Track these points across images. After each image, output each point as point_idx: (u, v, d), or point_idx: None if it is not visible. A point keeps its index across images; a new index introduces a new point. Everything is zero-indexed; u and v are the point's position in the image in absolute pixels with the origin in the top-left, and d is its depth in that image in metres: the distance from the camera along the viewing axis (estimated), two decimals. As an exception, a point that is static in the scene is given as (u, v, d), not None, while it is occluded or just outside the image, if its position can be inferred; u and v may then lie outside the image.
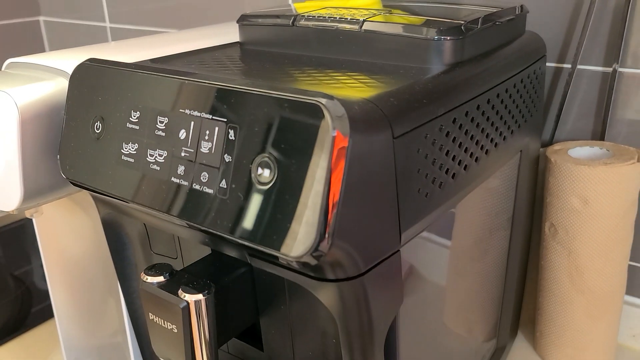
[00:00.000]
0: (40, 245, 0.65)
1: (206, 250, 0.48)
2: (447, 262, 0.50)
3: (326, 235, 0.33)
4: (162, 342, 0.43)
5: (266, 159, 0.34)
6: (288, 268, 0.37)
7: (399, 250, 0.39)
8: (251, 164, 0.35)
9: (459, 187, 0.45)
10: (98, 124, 0.44)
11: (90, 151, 0.44)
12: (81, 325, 0.68)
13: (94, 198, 0.49)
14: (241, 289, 0.45)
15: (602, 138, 0.69)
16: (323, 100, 0.33)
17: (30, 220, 0.85)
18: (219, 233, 0.37)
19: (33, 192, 0.49)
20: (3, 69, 0.55)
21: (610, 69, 0.67)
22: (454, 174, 0.43)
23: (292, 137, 0.33)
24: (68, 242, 0.63)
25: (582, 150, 0.66)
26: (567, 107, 0.70)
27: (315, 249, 0.33)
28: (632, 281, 0.71)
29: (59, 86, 0.49)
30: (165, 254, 0.52)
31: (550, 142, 0.71)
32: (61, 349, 0.70)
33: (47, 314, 0.85)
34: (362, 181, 0.34)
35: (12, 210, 0.50)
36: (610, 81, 0.67)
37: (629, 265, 0.69)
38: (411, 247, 0.41)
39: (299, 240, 0.33)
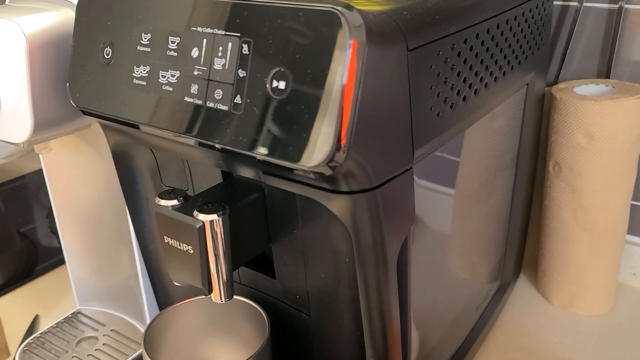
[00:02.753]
0: (48, 185, 0.65)
1: (217, 180, 0.48)
2: (453, 201, 0.50)
3: (342, 146, 0.33)
4: (178, 265, 0.44)
5: (281, 70, 0.34)
6: (303, 183, 0.38)
7: (412, 168, 0.40)
8: (266, 77, 0.35)
9: (468, 111, 0.45)
10: (108, 49, 0.44)
11: (100, 77, 0.44)
12: (92, 267, 0.69)
13: (104, 127, 0.49)
14: (253, 214, 0.46)
15: (607, 77, 0.69)
16: (341, 9, 0.32)
17: (33, 177, 0.85)
18: (234, 150, 0.37)
19: (43, 123, 0.49)
20: (7, 2, 0.54)
21: (617, 6, 0.66)
22: (464, 96, 0.44)
23: (308, 47, 0.33)
24: (77, 182, 0.64)
25: (588, 88, 0.66)
26: (573, 47, 0.70)
27: (331, 159, 0.33)
28: (633, 220, 0.72)
29: (64, 16, 0.49)
30: (176, 186, 0.52)
31: (555, 82, 0.71)
32: (72, 291, 0.71)
33: (55, 267, 0.86)
34: (377, 93, 0.34)
35: (22, 143, 0.50)
36: (616, 18, 0.66)
37: (631, 205, 0.70)
38: (422, 168, 0.42)
39: (315, 151, 0.34)
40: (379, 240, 0.38)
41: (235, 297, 0.51)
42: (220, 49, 0.37)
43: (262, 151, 0.35)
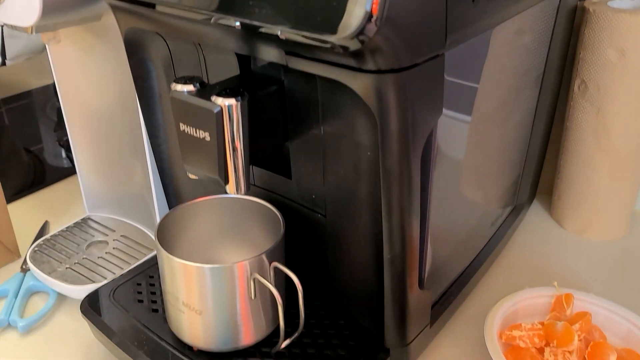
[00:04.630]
0: (58, 88, 0.63)
1: (234, 73, 0.46)
2: (474, 119, 0.48)
3: (374, 17, 0.31)
4: (194, 155, 0.43)
5: None
6: (328, 62, 0.36)
7: (443, 55, 0.37)
8: (294, -60, 0.33)
9: (503, 3, 0.42)
10: None
11: (114, -48, 0.42)
12: (103, 175, 0.68)
13: (115, 10, 0.46)
14: (272, 105, 0.44)
15: (643, -7, 0.66)
16: None
17: (38, 94, 0.83)
18: (256, 23, 0.35)
19: (52, 5, 0.46)
20: None
21: None
22: (500, -15, 0.41)
23: None
24: (87, 85, 0.62)
25: (623, 2, 0.63)
26: (609, -40, 0.66)
27: (361, 31, 0.31)
28: (655, 147, 0.70)
29: None
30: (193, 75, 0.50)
31: (588, -4, 0.68)
32: (82, 198, 0.70)
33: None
34: (413, -38, 0.32)
35: (30, 28, 0.48)
36: None
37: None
38: (454, 55, 0.40)
39: (345, 21, 0.32)
40: (404, 127, 0.37)
41: (249, 197, 0.50)
42: None
43: (286, 24, 0.33)
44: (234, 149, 0.41)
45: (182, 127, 0.42)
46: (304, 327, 0.47)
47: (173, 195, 0.59)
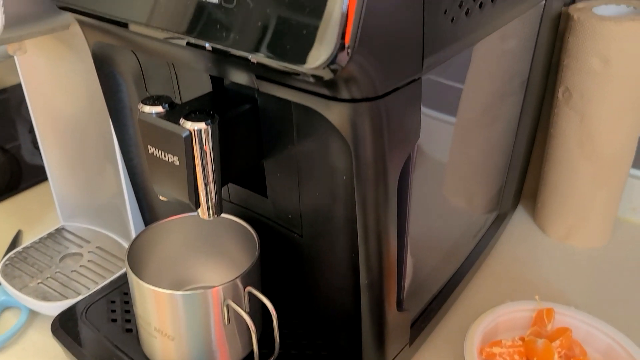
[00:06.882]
0: (27, 96, 0.61)
1: (207, 89, 0.45)
2: (457, 125, 0.47)
3: (346, 46, 0.30)
4: (163, 178, 0.41)
5: (280, -44, 0.30)
6: (299, 89, 0.34)
7: (420, 79, 0.36)
8: (262, -37, 0.31)
9: (483, 20, 0.41)
10: None
11: (77, -34, 0.39)
12: (76, 183, 0.66)
13: (82, 25, 0.44)
14: (245, 125, 0.43)
15: (628, -3, 0.64)
16: None
17: (14, 91, 0.80)
18: (225, 49, 0.33)
19: (15, 18, 0.44)
20: None
21: None
22: (481, 2, 0.39)
23: None
24: (57, 92, 0.60)
25: (608, 9, 0.62)
26: (594, -36, 0.65)
27: (332, 61, 0.30)
28: (638, 154, 0.70)
29: None
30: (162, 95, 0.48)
31: (573, 1, 0.66)
32: (55, 207, 0.68)
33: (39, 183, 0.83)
34: (387, -13, 0.30)
35: (-7, 41, 0.46)
36: None
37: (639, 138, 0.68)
38: (428, 87, 0.38)
39: (315, 50, 0.30)
40: (380, 155, 0.35)
41: (224, 215, 0.49)
42: None
43: (256, 51, 0.32)
44: (205, 173, 0.39)
45: (151, 149, 0.40)
46: (280, 347, 0.46)
47: (147, 209, 0.58)
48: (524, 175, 0.72)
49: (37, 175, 0.83)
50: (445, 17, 0.36)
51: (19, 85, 0.81)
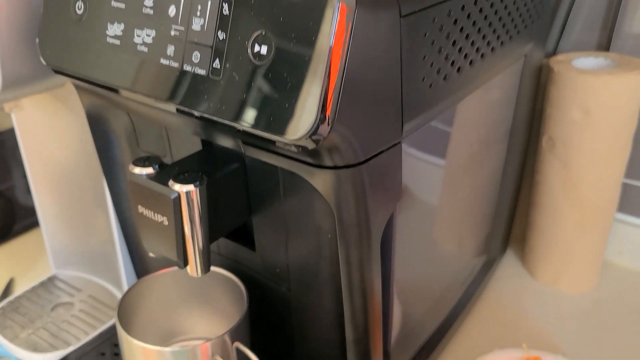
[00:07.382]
0: (21, 146, 0.63)
1: (197, 147, 0.46)
2: (443, 172, 0.48)
3: (326, 117, 0.31)
4: (153, 236, 0.42)
5: (263, 34, 0.32)
6: (284, 155, 0.36)
7: (400, 142, 0.37)
8: (247, 40, 0.32)
9: (462, 82, 0.43)
10: (80, 3, 0.40)
11: (72, 34, 0.41)
12: (68, 232, 0.67)
13: (77, 87, 0.46)
14: (233, 184, 0.44)
15: (607, 49, 0.67)
16: (328, -32, 0.30)
17: (10, 135, 0.81)
18: (212, 117, 0.35)
19: (12, 80, 0.46)
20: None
21: (622, -24, 0.63)
22: (459, 67, 0.41)
23: (292, 10, 0.31)
24: (51, 143, 0.61)
25: (587, 61, 0.64)
26: (573, 18, 0.67)
27: (314, 132, 0.31)
28: (623, 198, 0.71)
29: (34, -35, 0.46)
30: (153, 151, 0.50)
31: (553, 53, 0.69)
32: (48, 254, 0.69)
33: (32, 227, 0.84)
34: (366, 61, 0.32)
35: (-10, 102, 0.47)
36: (620, -12, 0.64)
37: (623, 183, 0.69)
38: (411, 139, 0.40)
39: (298, 122, 0.31)
40: (363, 218, 0.37)
41: (213, 268, 0.50)
42: (199, 7, 0.34)
43: (241, 121, 0.33)
44: (193, 233, 0.40)
45: (141, 209, 0.41)
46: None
47: (138, 260, 0.59)
48: (512, 220, 0.74)
49: (31, 216, 0.84)
50: (424, 84, 0.37)
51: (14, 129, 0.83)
